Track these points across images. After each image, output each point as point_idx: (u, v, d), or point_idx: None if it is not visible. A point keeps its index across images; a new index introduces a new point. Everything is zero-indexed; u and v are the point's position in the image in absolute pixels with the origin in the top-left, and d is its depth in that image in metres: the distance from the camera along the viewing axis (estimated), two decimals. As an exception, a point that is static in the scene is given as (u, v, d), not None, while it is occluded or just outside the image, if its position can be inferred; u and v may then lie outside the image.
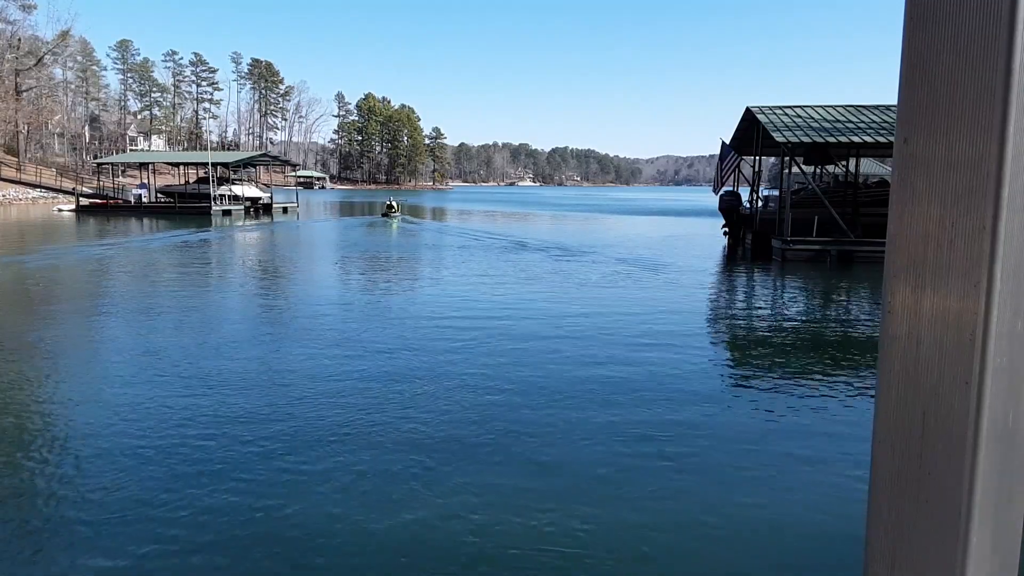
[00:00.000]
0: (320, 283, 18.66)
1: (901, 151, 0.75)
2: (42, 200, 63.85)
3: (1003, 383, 0.70)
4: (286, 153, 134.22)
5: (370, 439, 6.80)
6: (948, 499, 0.72)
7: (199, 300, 15.63)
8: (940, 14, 0.70)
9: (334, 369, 9.32)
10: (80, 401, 8.00)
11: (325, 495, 5.61)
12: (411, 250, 27.53)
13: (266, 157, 62.01)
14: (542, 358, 9.96)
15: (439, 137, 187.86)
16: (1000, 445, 0.70)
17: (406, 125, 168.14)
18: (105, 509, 5.33)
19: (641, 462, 6.34)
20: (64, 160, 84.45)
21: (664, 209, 71.86)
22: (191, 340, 11.07)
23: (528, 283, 17.70)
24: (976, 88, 0.68)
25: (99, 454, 6.39)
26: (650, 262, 22.90)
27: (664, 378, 9.06)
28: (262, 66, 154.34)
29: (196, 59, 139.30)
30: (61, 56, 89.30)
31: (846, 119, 25.45)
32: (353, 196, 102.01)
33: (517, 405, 7.87)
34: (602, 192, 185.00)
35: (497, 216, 55.20)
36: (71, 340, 11.22)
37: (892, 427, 0.77)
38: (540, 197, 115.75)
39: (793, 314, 14.91)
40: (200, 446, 6.58)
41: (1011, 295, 0.68)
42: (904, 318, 0.75)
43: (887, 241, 0.77)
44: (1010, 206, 0.67)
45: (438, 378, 8.88)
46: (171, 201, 50.03)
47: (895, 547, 0.77)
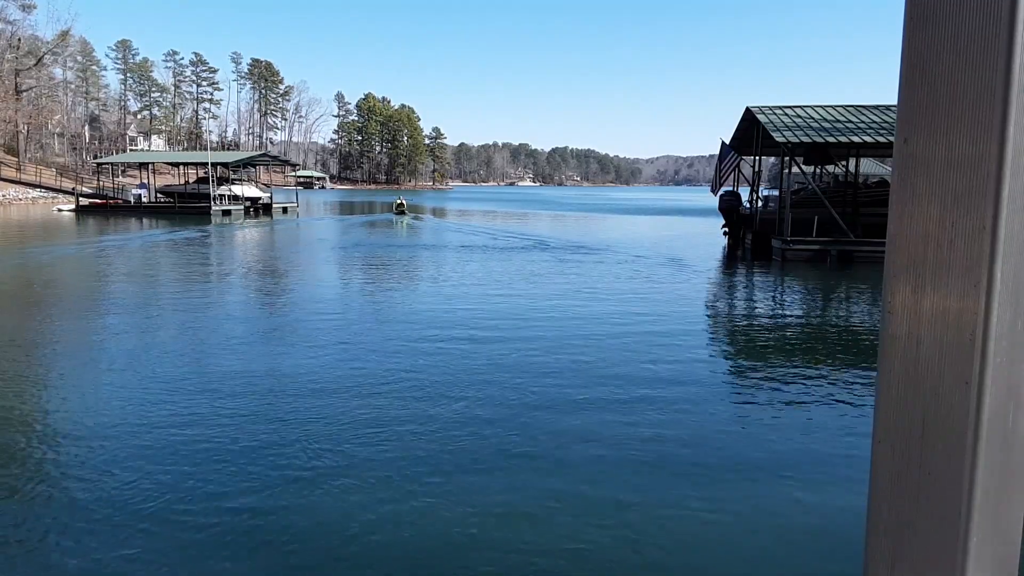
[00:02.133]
0: (346, 285, 18.66)
1: (901, 151, 0.75)
2: (42, 200, 63.86)
3: (1003, 383, 0.70)
4: (286, 153, 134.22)
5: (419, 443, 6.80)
6: (948, 499, 0.72)
7: (221, 298, 15.64)
8: (940, 14, 0.70)
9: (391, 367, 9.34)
10: (80, 395, 8.00)
11: (345, 492, 5.61)
12: (439, 251, 27.13)
13: (266, 157, 61.98)
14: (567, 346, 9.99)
15: (439, 137, 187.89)
16: (1000, 445, 0.70)
17: (406, 125, 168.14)
18: (104, 509, 5.33)
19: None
20: (64, 160, 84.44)
21: (666, 208, 72.43)
22: (227, 334, 11.08)
23: (556, 279, 17.72)
24: (976, 88, 0.68)
25: (96, 450, 6.40)
26: (654, 260, 22.93)
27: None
28: (262, 66, 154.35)
29: (196, 59, 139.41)
30: (61, 56, 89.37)
31: (846, 119, 25.45)
32: (353, 196, 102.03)
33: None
34: (602, 192, 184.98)
35: (508, 216, 55.35)
36: (73, 337, 11.23)
37: (892, 427, 0.77)
38: (541, 197, 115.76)
39: (799, 314, 14.92)
40: (220, 438, 6.58)
41: (1011, 295, 0.68)
42: (904, 318, 0.75)
43: (887, 241, 0.77)
44: (1010, 206, 0.67)
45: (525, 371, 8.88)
46: (171, 201, 50.03)
47: (895, 547, 0.77)
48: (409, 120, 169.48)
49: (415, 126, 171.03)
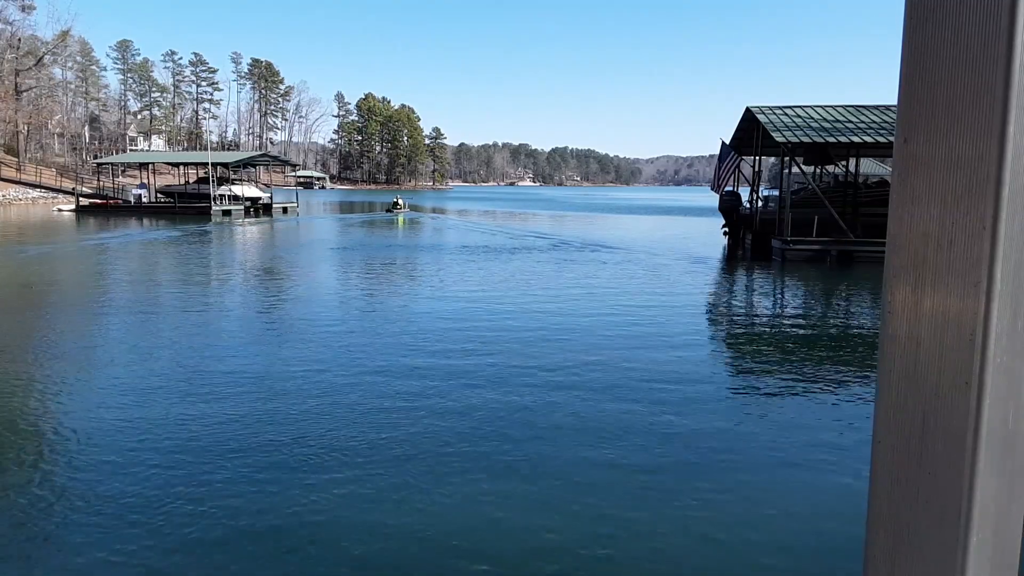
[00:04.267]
0: (349, 285, 18.67)
1: (901, 151, 0.75)
2: (42, 200, 63.86)
3: (1003, 383, 0.69)
4: (286, 153, 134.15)
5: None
6: (948, 499, 0.72)
7: (223, 299, 15.65)
8: (940, 14, 0.70)
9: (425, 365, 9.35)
10: (79, 390, 8.01)
11: (345, 496, 5.61)
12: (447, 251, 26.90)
13: (266, 157, 61.99)
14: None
15: (439, 137, 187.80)
16: (1000, 445, 0.70)
17: (406, 125, 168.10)
18: (102, 510, 5.33)
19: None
20: (64, 160, 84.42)
21: (667, 208, 72.74)
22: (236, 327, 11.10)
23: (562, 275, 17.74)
24: (976, 88, 0.68)
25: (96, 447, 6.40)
26: (653, 258, 22.94)
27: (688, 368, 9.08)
28: (262, 66, 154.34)
29: (196, 59, 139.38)
30: (61, 56, 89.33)
31: (846, 119, 25.45)
32: (353, 196, 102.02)
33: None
34: (603, 192, 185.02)
35: (512, 215, 55.55)
36: (75, 335, 11.24)
37: (892, 427, 0.77)
38: (543, 197, 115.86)
39: (797, 314, 14.91)
40: (220, 431, 6.59)
41: (1011, 295, 0.68)
42: (904, 318, 0.75)
43: (887, 241, 0.77)
44: (1010, 206, 0.67)
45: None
46: (171, 201, 50.02)
47: (895, 547, 0.77)
48: (409, 120, 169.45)
49: (415, 126, 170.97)
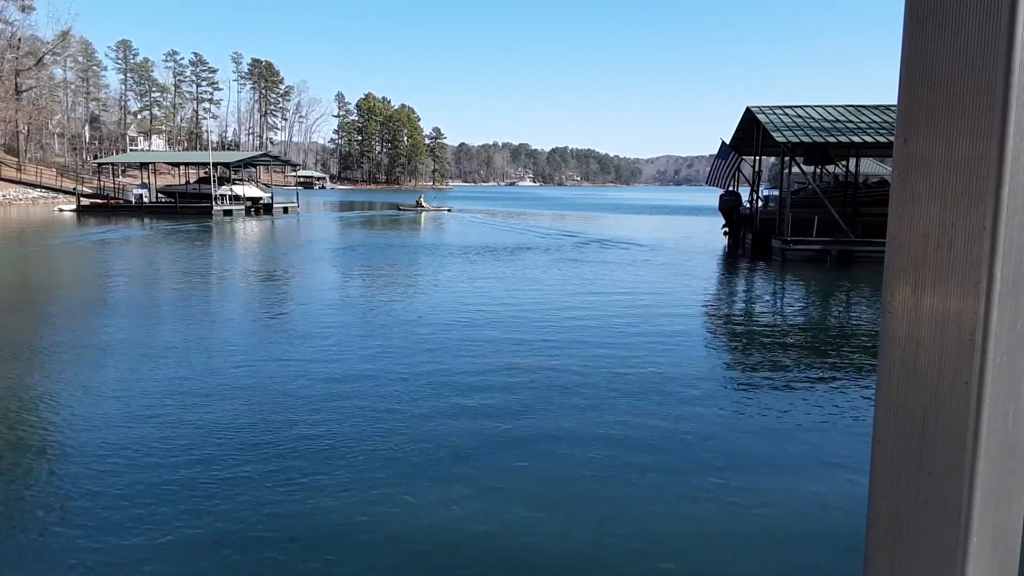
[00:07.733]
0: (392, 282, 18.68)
1: (901, 151, 0.75)
2: (42, 200, 63.82)
3: (1003, 383, 0.69)
4: (286, 153, 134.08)
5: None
6: (948, 499, 0.72)
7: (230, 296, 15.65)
8: (940, 14, 0.70)
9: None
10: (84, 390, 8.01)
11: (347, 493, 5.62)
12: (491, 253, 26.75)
13: (266, 157, 61.98)
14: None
15: (439, 137, 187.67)
16: (1000, 445, 0.70)
17: (406, 125, 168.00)
18: (103, 510, 5.33)
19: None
20: (64, 160, 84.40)
21: (668, 207, 72.88)
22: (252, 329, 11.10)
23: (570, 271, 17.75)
24: (976, 88, 0.68)
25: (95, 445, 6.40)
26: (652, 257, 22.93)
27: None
28: (262, 66, 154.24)
29: (196, 59, 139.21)
30: (61, 56, 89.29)
31: (846, 119, 25.44)
32: (353, 196, 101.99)
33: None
34: (603, 192, 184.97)
35: (510, 215, 55.45)
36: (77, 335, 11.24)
37: (892, 427, 0.77)
38: (543, 196, 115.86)
39: (799, 314, 14.92)
40: (226, 434, 6.59)
41: (1011, 295, 0.68)
42: (904, 318, 0.75)
43: (887, 241, 0.77)
44: (1010, 206, 0.67)
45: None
46: (172, 201, 50.01)
47: (895, 547, 0.77)
48: (409, 120, 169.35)
49: (415, 126, 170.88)
